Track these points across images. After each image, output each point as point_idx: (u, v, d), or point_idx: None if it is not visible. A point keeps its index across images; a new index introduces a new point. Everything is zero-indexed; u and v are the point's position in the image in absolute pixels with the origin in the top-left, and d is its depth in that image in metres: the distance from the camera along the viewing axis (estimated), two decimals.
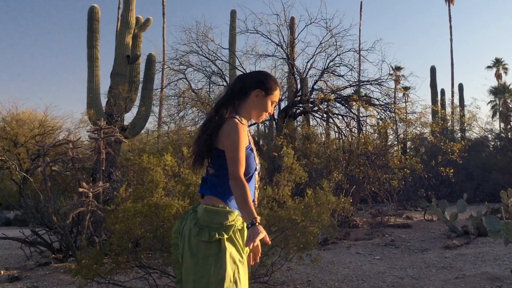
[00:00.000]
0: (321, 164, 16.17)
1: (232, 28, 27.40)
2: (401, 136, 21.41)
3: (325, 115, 21.18)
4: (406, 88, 31.36)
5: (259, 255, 3.68)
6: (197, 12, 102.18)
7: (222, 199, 3.55)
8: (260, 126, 24.50)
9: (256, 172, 3.66)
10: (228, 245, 3.41)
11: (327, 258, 10.24)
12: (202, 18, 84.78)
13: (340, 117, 20.78)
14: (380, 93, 21.13)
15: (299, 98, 21.26)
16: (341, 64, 21.60)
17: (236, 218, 3.49)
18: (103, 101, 18.94)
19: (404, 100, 28.63)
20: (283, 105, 22.05)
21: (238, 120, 3.52)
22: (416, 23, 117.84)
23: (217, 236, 3.38)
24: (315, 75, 21.84)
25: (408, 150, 25.71)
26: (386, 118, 19.72)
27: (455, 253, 10.65)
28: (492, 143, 32.86)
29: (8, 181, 21.70)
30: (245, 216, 3.33)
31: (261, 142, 22.77)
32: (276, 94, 3.72)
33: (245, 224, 3.44)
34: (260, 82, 3.69)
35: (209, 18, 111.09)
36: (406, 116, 20.23)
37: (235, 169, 3.41)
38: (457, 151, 17.57)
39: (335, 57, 21.40)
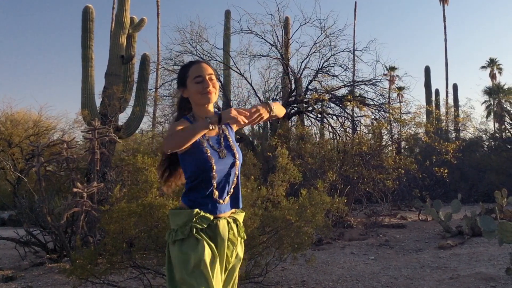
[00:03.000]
0: (316, 164, 16.17)
1: (227, 28, 27.37)
2: (396, 136, 21.42)
3: (319, 115, 21.21)
4: (400, 88, 31.35)
5: (260, 115, 3.35)
6: (192, 12, 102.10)
7: (183, 200, 3.55)
8: (254, 127, 24.49)
9: (213, 174, 3.44)
10: (176, 247, 3.37)
11: (321, 258, 10.25)
12: (197, 18, 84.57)
13: (334, 117, 20.80)
14: (375, 93, 21.19)
15: (293, 98, 21.28)
16: (336, 64, 21.68)
17: (193, 217, 3.39)
18: (98, 101, 18.90)
19: (398, 100, 28.57)
20: None
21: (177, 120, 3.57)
22: (410, 23, 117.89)
23: (167, 239, 3.45)
24: (310, 75, 21.93)
25: (402, 150, 25.75)
26: (381, 118, 19.75)
27: (450, 253, 10.67)
28: (487, 143, 32.92)
29: (2, 181, 21.63)
30: (201, 127, 3.22)
31: (255, 142, 22.79)
32: (192, 70, 3.60)
33: (219, 221, 3.43)
34: (177, 83, 3.74)
35: (203, 18, 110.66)
36: (400, 116, 20.25)
37: (163, 143, 3.50)
38: (452, 151, 17.58)
39: (330, 57, 21.48)
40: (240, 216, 3.64)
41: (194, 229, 3.36)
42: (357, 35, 49.94)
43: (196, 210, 3.40)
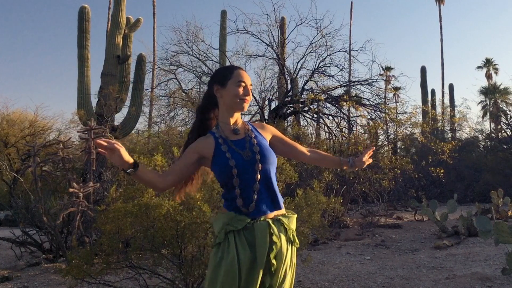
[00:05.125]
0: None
1: (223, 28, 27.40)
2: (392, 136, 21.47)
3: (315, 115, 21.23)
4: (396, 88, 31.33)
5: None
6: (188, 12, 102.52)
7: (223, 205, 3.54)
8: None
9: (234, 172, 3.39)
10: (213, 252, 3.38)
11: (317, 259, 10.25)
12: (193, 19, 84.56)
13: (330, 117, 20.83)
14: (371, 93, 21.23)
15: (289, 98, 21.29)
16: (332, 64, 21.71)
17: (227, 221, 3.36)
18: (94, 101, 18.97)
19: (394, 100, 28.56)
20: (273, 105, 22.10)
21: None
22: (406, 23, 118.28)
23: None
24: (306, 75, 21.95)
25: (398, 150, 25.82)
26: (377, 118, 19.77)
27: (446, 253, 10.68)
28: (483, 144, 32.97)
29: None
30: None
31: None
32: (237, 74, 3.57)
33: (255, 223, 3.35)
34: (212, 79, 3.68)
35: (199, 19, 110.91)
36: (396, 116, 20.29)
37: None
38: (448, 152, 17.61)
39: (326, 57, 21.51)
40: (288, 219, 3.52)
41: (229, 232, 3.34)
42: (353, 35, 50.25)
43: (232, 213, 3.39)
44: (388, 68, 40.95)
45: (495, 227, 7.72)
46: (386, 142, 21.52)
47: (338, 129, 20.10)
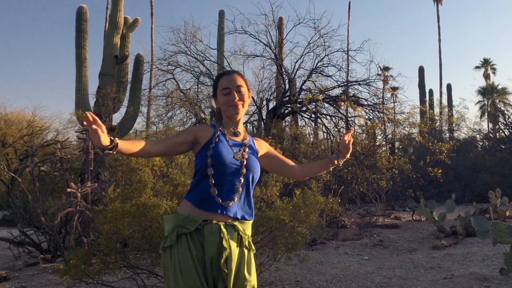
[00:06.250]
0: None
1: (221, 28, 27.41)
2: (390, 136, 21.44)
3: (313, 115, 21.21)
4: (394, 89, 31.32)
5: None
6: (186, 12, 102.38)
7: (185, 197, 3.59)
8: (248, 126, 24.50)
9: (208, 162, 3.41)
10: (166, 254, 3.38)
11: (315, 259, 10.26)
12: (191, 19, 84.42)
13: (328, 117, 20.80)
14: (369, 93, 21.21)
15: (287, 98, 21.27)
16: (329, 65, 21.69)
17: (180, 221, 3.39)
18: (92, 101, 18.93)
19: (392, 100, 28.54)
20: (271, 105, 22.11)
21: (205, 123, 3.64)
22: (404, 23, 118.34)
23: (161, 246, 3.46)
24: (304, 76, 21.95)
25: (396, 151, 25.83)
26: (375, 118, 19.77)
27: (444, 253, 10.69)
28: (481, 144, 33.01)
29: None
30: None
31: None
32: (222, 82, 3.63)
33: (206, 226, 3.35)
34: (212, 91, 3.76)
35: (197, 19, 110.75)
36: (394, 116, 20.28)
37: None
38: (446, 152, 17.60)
39: (323, 57, 21.49)
40: (244, 224, 3.52)
41: (180, 234, 3.35)
42: (351, 35, 50.31)
43: (184, 214, 3.40)
44: (386, 68, 40.98)
45: (493, 227, 7.73)
46: (384, 142, 21.48)
47: (336, 129, 20.09)
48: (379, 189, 16.54)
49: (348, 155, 3.94)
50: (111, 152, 3.20)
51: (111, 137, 3.18)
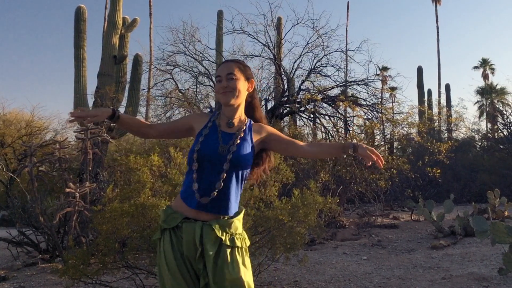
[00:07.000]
0: (308, 164, 16.15)
1: (219, 28, 27.44)
2: (388, 136, 21.46)
3: (312, 116, 21.23)
4: (393, 89, 31.41)
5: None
6: (184, 12, 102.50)
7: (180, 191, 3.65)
8: None
9: (194, 156, 3.47)
10: (157, 248, 3.55)
11: (314, 259, 10.25)
12: (189, 19, 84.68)
13: (327, 117, 20.83)
14: (367, 93, 21.23)
15: (286, 98, 21.29)
16: (328, 65, 21.70)
17: (164, 217, 3.51)
18: (90, 101, 18.90)
19: (391, 100, 28.66)
20: (270, 105, 22.12)
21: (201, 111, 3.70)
22: (403, 24, 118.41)
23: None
24: (302, 76, 21.96)
25: (395, 151, 25.77)
26: (373, 118, 19.78)
27: (442, 253, 10.69)
28: (479, 144, 33.02)
29: None
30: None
31: None
32: (217, 71, 3.73)
33: (184, 223, 3.43)
34: None
35: (196, 19, 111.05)
36: (393, 116, 20.27)
37: None
38: (444, 152, 17.63)
39: (322, 57, 21.51)
40: (224, 222, 3.50)
41: (164, 230, 3.49)
42: (350, 35, 50.19)
43: (170, 210, 3.52)
44: (385, 68, 41.14)
45: (492, 227, 7.73)
46: (383, 142, 21.51)
47: (334, 129, 20.12)
48: (378, 189, 16.55)
49: (360, 153, 3.69)
50: (114, 124, 3.48)
51: (113, 108, 3.41)
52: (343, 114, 20.78)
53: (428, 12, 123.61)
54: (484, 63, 60.39)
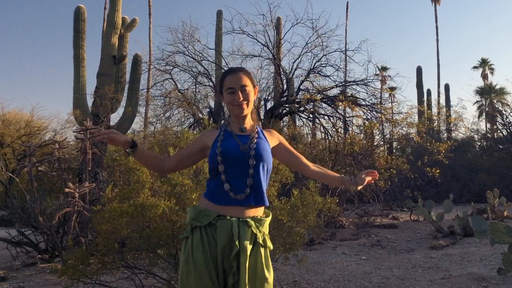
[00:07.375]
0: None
1: (218, 28, 27.36)
2: (387, 136, 21.43)
3: (311, 116, 21.20)
4: (392, 89, 31.41)
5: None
6: (183, 12, 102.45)
7: (203, 195, 3.68)
8: None
9: (218, 159, 3.51)
10: (182, 245, 3.53)
11: (313, 259, 10.25)
12: (188, 19, 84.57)
13: (326, 117, 20.78)
14: (366, 93, 21.23)
15: (285, 98, 21.27)
16: (327, 65, 21.68)
17: (195, 215, 3.52)
18: (89, 101, 18.93)
19: (390, 101, 28.67)
20: (269, 105, 22.10)
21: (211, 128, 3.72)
22: (402, 24, 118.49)
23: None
24: (301, 76, 21.92)
25: (394, 151, 25.79)
26: (372, 118, 19.76)
27: (441, 253, 10.69)
28: (478, 144, 33.06)
29: None
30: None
31: None
32: (227, 82, 3.68)
33: (219, 221, 3.44)
34: (219, 88, 3.79)
35: (195, 19, 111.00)
36: (392, 116, 20.26)
37: None
38: (443, 152, 17.62)
39: (321, 57, 21.48)
40: (260, 221, 3.59)
41: (195, 227, 3.48)
42: (349, 35, 50.22)
43: (201, 208, 3.54)
44: (384, 68, 41.18)
45: (491, 227, 7.73)
46: (382, 142, 21.49)
47: (334, 129, 20.08)
48: (377, 189, 16.58)
49: (360, 187, 4.06)
50: (131, 153, 3.59)
51: (131, 139, 3.56)
52: (343, 114, 20.78)
53: (427, 12, 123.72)
54: (484, 63, 60.43)
